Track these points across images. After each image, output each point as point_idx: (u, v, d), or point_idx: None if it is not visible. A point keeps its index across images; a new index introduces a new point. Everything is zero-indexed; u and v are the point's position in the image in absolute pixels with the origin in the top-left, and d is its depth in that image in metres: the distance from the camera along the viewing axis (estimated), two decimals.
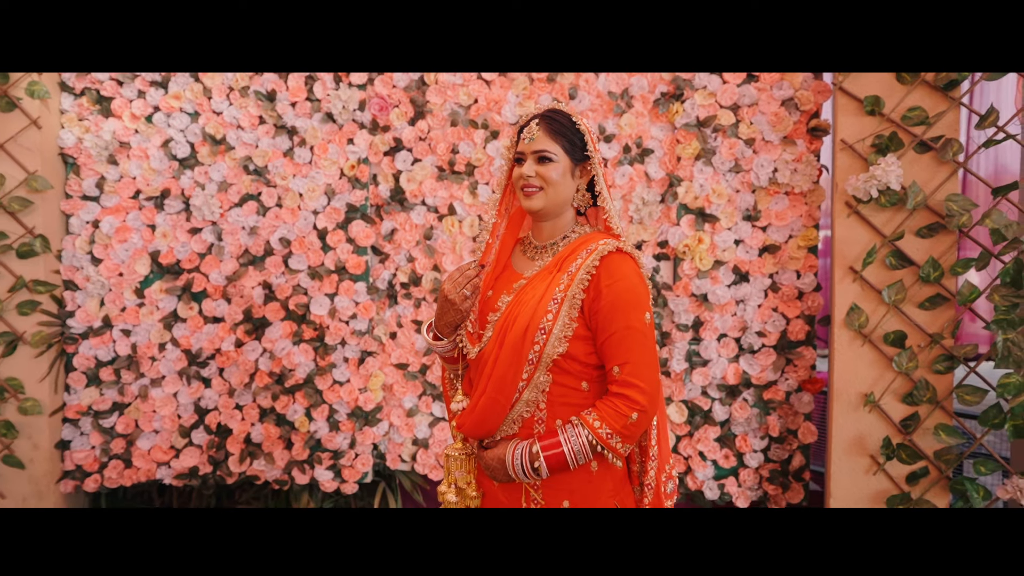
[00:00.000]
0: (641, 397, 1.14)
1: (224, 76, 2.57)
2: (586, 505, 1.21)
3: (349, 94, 2.54)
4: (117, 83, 2.58)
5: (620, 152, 2.45)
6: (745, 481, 2.45)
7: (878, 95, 2.05)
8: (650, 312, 1.20)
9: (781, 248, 2.36)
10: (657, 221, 2.44)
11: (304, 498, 2.73)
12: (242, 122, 2.58)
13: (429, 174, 2.55)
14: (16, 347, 2.44)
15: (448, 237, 2.55)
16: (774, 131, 2.33)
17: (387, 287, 2.62)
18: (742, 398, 2.42)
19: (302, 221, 2.58)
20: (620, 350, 1.16)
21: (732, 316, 2.40)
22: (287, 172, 2.58)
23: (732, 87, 2.35)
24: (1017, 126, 2.00)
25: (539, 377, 1.18)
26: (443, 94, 2.53)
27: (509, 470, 1.19)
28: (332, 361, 2.58)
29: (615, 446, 1.15)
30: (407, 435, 2.63)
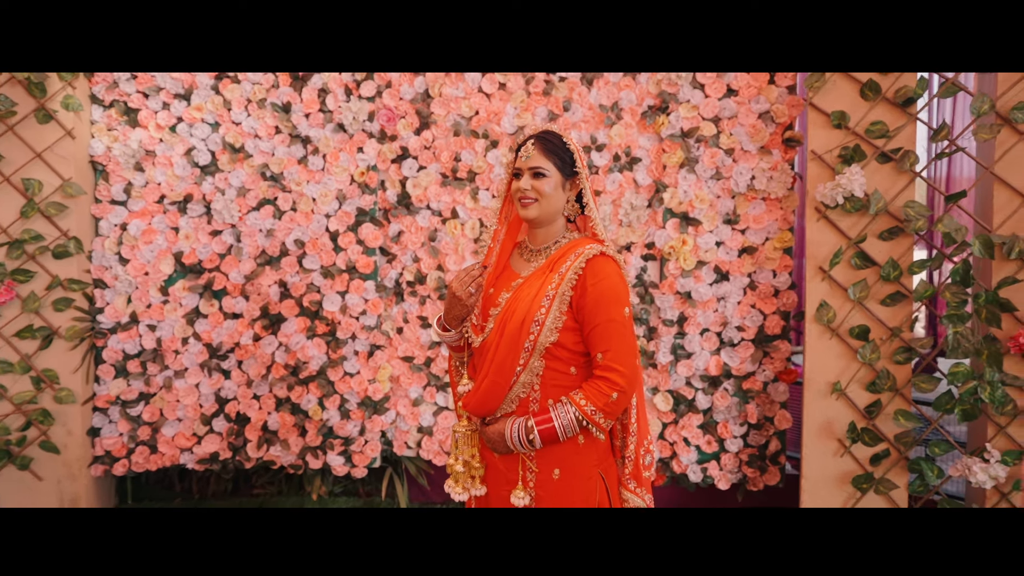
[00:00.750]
0: (621, 379, 1.34)
1: (243, 89, 2.76)
2: (574, 473, 1.40)
3: (359, 106, 2.73)
4: (143, 95, 2.77)
5: (610, 160, 2.65)
6: (726, 465, 2.65)
7: (844, 110, 2.25)
8: (629, 307, 1.39)
9: (758, 249, 2.56)
10: (644, 224, 2.64)
11: (316, 482, 2.93)
12: (259, 132, 2.78)
13: (433, 180, 2.75)
14: (52, 341, 2.63)
15: (451, 239, 2.75)
16: (752, 141, 2.53)
17: (394, 285, 2.82)
18: (723, 388, 2.62)
19: (315, 224, 2.77)
20: (603, 339, 1.35)
21: (714, 312, 2.61)
22: (301, 178, 2.77)
23: (713, 101, 2.55)
24: (968, 139, 2.19)
25: (534, 362, 1.38)
26: (446, 106, 2.72)
27: (508, 442, 1.38)
28: (343, 354, 2.77)
29: (598, 421, 1.34)
30: (413, 423, 2.83)
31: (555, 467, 1.39)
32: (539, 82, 2.67)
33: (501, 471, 1.45)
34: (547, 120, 2.68)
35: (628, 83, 2.62)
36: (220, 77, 2.77)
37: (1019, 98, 2.04)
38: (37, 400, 2.61)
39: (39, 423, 2.60)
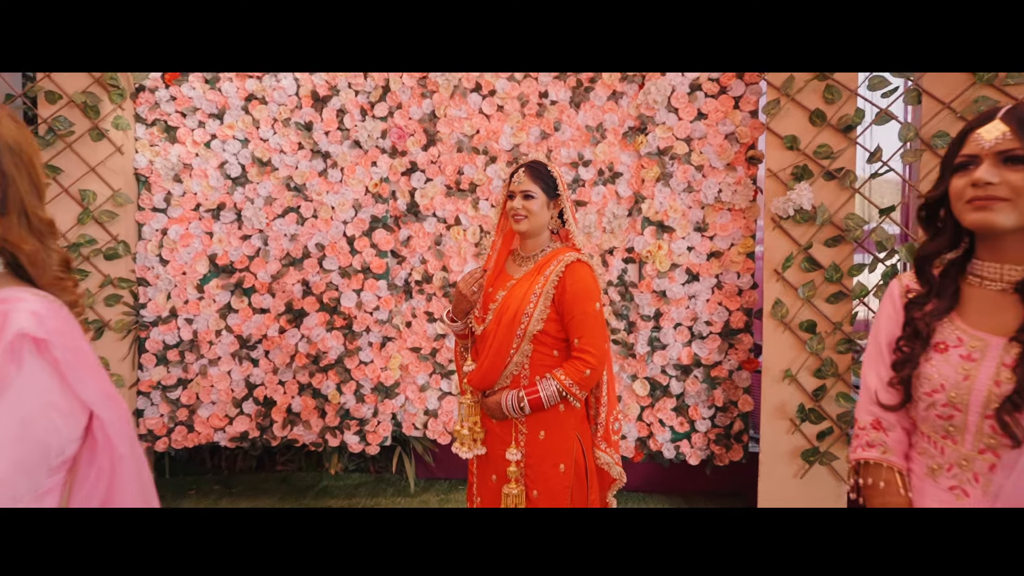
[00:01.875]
0: (592, 359, 1.69)
1: (270, 109, 3.11)
2: (556, 435, 1.75)
3: (373, 125, 3.08)
4: (181, 115, 3.12)
5: (595, 175, 3.00)
6: (696, 443, 3.01)
7: (795, 135, 2.61)
8: (600, 302, 1.75)
9: (724, 254, 2.92)
10: (625, 231, 3.00)
11: (334, 458, 3.29)
12: (284, 147, 3.13)
13: (439, 191, 3.10)
14: (103, 332, 2.99)
15: (455, 243, 3.11)
16: (719, 159, 2.89)
17: (404, 284, 3.17)
18: (693, 375, 2.98)
19: (334, 229, 3.12)
20: (578, 328, 1.71)
21: (685, 309, 2.96)
22: (321, 189, 3.12)
23: (686, 123, 2.90)
24: (898, 161, 2.55)
25: (524, 346, 1.73)
26: (451, 125, 3.08)
27: (504, 410, 1.74)
28: (358, 345, 3.13)
29: (575, 392, 1.70)
30: (420, 406, 3.19)
31: (541, 429, 1.75)
32: (532, 105, 3.02)
33: (498, 434, 1.80)
34: (540, 138, 3.03)
35: (611, 107, 2.97)
36: (249, 99, 3.12)
37: (939, 127, 2.40)
38: None
39: None
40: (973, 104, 2.32)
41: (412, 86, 3.08)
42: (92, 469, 0.85)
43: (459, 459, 3.29)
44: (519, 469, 1.75)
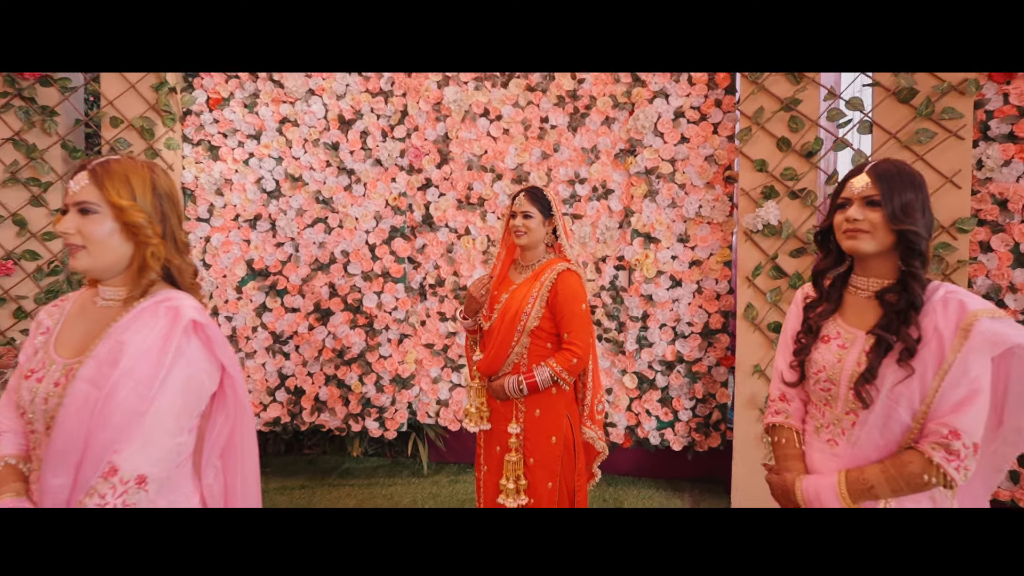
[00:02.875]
0: (578, 350, 2.06)
1: (301, 131, 3.50)
2: (550, 413, 2.11)
3: (393, 145, 3.47)
4: (223, 136, 3.51)
5: (590, 191, 3.37)
6: (679, 431, 3.37)
7: (764, 159, 2.97)
8: (585, 303, 2.11)
9: (704, 262, 3.29)
10: (616, 242, 3.37)
11: (356, 443, 3.67)
12: (314, 165, 3.52)
13: (451, 204, 3.48)
14: None
15: (464, 251, 3.48)
16: (700, 178, 3.25)
17: (419, 287, 3.55)
18: (676, 370, 3.34)
19: (357, 238, 3.51)
20: (567, 325, 2.08)
21: (669, 311, 3.33)
22: (346, 202, 3.51)
23: (671, 146, 3.27)
24: None
25: (523, 339, 2.10)
26: (462, 146, 3.46)
27: (506, 392, 2.10)
28: (378, 341, 3.51)
29: (564, 377, 2.06)
30: (432, 397, 3.57)
31: (537, 408, 2.12)
32: (535, 128, 3.40)
33: (501, 412, 2.18)
34: (541, 158, 3.40)
35: (604, 131, 3.35)
36: (283, 121, 3.51)
37: (887, 154, 2.75)
38: None
39: None
40: (915, 135, 2.68)
41: (427, 111, 3.46)
42: (221, 413, 1.23)
43: (467, 445, 3.68)
44: (518, 441, 2.12)
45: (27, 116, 3.19)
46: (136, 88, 3.29)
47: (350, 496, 3.36)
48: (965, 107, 2.63)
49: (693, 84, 3.21)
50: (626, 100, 3.30)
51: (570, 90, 3.35)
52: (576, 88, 3.34)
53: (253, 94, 3.50)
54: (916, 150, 2.69)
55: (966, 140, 2.64)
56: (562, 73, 3.32)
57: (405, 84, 3.46)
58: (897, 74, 2.70)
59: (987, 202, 2.67)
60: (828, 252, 1.43)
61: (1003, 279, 2.66)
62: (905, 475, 1.20)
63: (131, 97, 3.30)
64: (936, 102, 2.65)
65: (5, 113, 3.19)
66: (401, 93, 3.48)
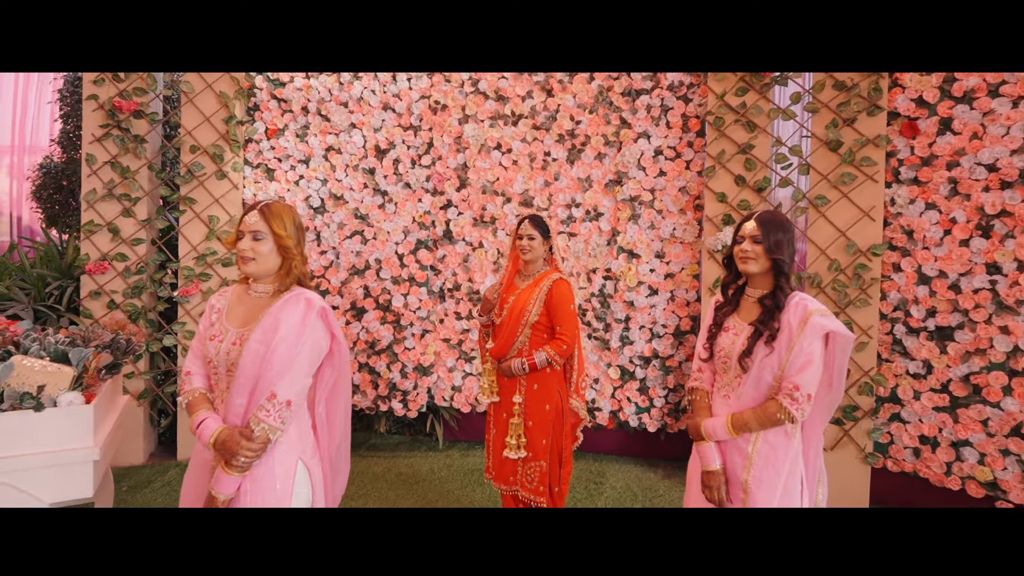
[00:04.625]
0: (568, 340, 2.73)
1: (343, 158, 4.20)
2: (545, 388, 2.78)
3: (420, 171, 4.16)
4: (278, 160, 4.21)
5: (584, 214, 4.06)
6: (654, 415, 4.04)
7: (725, 192, 3.65)
8: (573, 304, 2.78)
9: (676, 275, 3.96)
10: (605, 256, 4.04)
11: (382, 421, 4.35)
12: (353, 186, 4.21)
13: (468, 222, 4.17)
14: None
15: (478, 261, 4.17)
16: (674, 205, 3.93)
17: (439, 291, 4.24)
18: (653, 364, 4.01)
19: (388, 248, 4.20)
20: (560, 321, 2.75)
21: (647, 315, 4.00)
22: (380, 218, 4.20)
23: (651, 178, 3.95)
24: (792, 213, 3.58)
25: (526, 331, 2.77)
26: (478, 174, 4.15)
27: (512, 371, 2.77)
28: (404, 335, 4.19)
29: (556, 359, 2.73)
30: (448, 383, 4.24)
31: (535, 383, 2.79)
32: (539, 160, 4.08)
33: (507, 386, 2.85)
34: (543, 185, 4.09)
35: (596, 164, 4.03)
36: (328, 150, 4.21)
37: (820, 192, 3.43)
38: None
39: None
40: (840, 177, 3.36)
41: (450, 143, 4.15)
42: (329, 367, 1.91)
43: (476, 425, 4.34)
44: (520, 408, 2.79)
45: (122, 143, 3.89)
46: (210, 121, 4.00)
47: (377, 465, 4.03)
48: (879, 156, 3.31)
49: (670, 128, 3.90)
50: (615, 139, 3.99)
51: (569, 129, 4.04)
52: (574, 128, 4.03)
53: (304, 126, 4.20)
54: (842, 189, 3.37)
55: (880, 182, 3.32)
56: (562, 114, 4.01)
57: (431, 120, 4.16)
58: (827, 127, 3.38)
59: (898, 232, 3.35)
60: (731, 271, 2.10)
61: (909, 294, 3.33)
62: (767, 415, 1.87)
63: (205, 128, 4.00)
64: (857, 152, 3.33)
65: (105, 140, 3.89)
66: (428, 128, 4.17)
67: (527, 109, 4.07)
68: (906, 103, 3.28)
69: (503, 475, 2.83)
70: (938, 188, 3.23)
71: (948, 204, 3.20)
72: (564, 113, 4.03)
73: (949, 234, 3.20)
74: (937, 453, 3.25)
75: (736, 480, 1.93)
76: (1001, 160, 3.04)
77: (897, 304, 3.37)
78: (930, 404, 3.26)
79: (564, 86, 4.03)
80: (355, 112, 4.17)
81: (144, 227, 3.96)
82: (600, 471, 4.02)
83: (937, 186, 3.23)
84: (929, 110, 3.24)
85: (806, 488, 1.95)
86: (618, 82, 3.95)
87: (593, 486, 3.77)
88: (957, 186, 3.18)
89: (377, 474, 3.88)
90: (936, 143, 3.22)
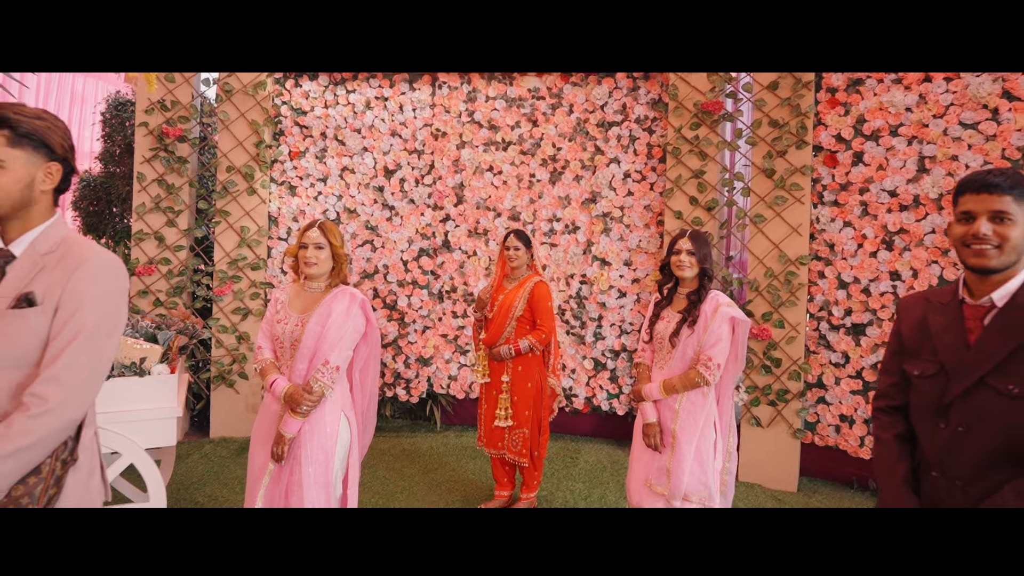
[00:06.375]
0: (546, 330, 3.39)
1: (356, 177, 4.85)
2: (528, 369, 3.43)
3: (423, 189, 4.82)
4: (300, 178, 4.85)
5: (563, 227, 4.73)
6: (623, 401, 4.70)
7: (681, 210, 4.33)
8: (551, 301, 3.43)
9: (642, 280, 4.64)
10: (581, 264, 4.72)
11: (388, 406, 4.98)
12: (365, 202, 4.86)
13: (464, 233, 4.83)
14: (247, 316, 4.69)
15: (472, 268, 4.83)
16: (640, 221, 4.61)
17: (438, 293, 4.89)
18: (621, 356, 4.68)
19: (394, 255, 4.85)
20: (540, 315, 3.40)
21: (617, 314, 4.67)
22: (388, 229, 4.85)
23: (621, 197, 4.63)
24: (736, 229, 4.26)
25: (512, 323, 3.42)
26: (473, 192, 4.81)
27: (501, 355, 3.42)
28: (408, 331, 4.84)
29: (537, 346, 3.38)
30: (445, 373, 4.89)
31: (520, 365, 3.44)
32: (525, 181, 4.76)
33: (497, 369, 3.49)
34: (529, 203, 4.76)
35: (575, 185, 4.71)
36: (343, 170, 4.86)
37: (758, 211, 4.12)
38: (239, 349, 4.67)
39: (240, 362, 4.65)
40: (774, 199, 4.05)
41: (449, 165, 4.82)
42: (365, 345, 2.55)
43: (469, 411, 4.98)
44: (508, 386, 3.44)
45: (168, 163, 4.53)
46: (243, 145, 4.64)
47: (384, 443, 4.65)
48: (806, 183, 4.01)
49: (637, 155, 4.59)
50: (590, 163, 4.67)
51: (551, 155, 4.72)
52: (555, 153, 4.71)
53: (322, 149, 4.85)
54: (776, 209, 4.06)
55: (806, 204, 4.01)
56: (545, 142, 4.69)
57: (433, 145, 4.82)
58: (764, 157, 4.07)
59: (821, 245, 4.04)
60: (667, 275, 2.77)
61: (831, 296, 4.02)
62: (689, 379, 2.53)
63: (238, 150, 4.64)
64: (788, 178, 4.03)
65: (153, 161, 4.53)
66: (430, 152, 4.84)
67: (515, 137, 4.74)
68: (828, 139, 3.98)
69: (492, 441, 3.48)
70: (853, 209, 3.93)
71: (860, 222, 3.90)
72: (547, 141, 4.71)
73: (861, 247, 3.90)
74: (853, 429, 3.93)
75: (667, 429, 2.60)
76: (900, 187, 3.74)
77: (821, 305, 4.06)
78: (848, 388, 3.94)
79: (548, 117, 4.71)
80: (367, 137, 4.83)
81: (185, 235, 4.59)
82: (576, 449, 4.67)
83: (852, 208, 3.93)
84: (846, 145, 3.94)
85: (720, 436, 2.62)
86: (593, 115, 4.64)
87: (570, 460, 4.41)
88: (867, 208, 3.88)
89: (384, 450, 4.51)
90: (851, 172, 3.92)
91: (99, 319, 1.29)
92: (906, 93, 3.72)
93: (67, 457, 1.28)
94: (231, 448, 4.43)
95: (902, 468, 1.55)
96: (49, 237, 1.34)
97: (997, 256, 1.42)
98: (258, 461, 2.44)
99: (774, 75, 4.03)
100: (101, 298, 1.31)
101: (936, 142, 3.66)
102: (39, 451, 1.21)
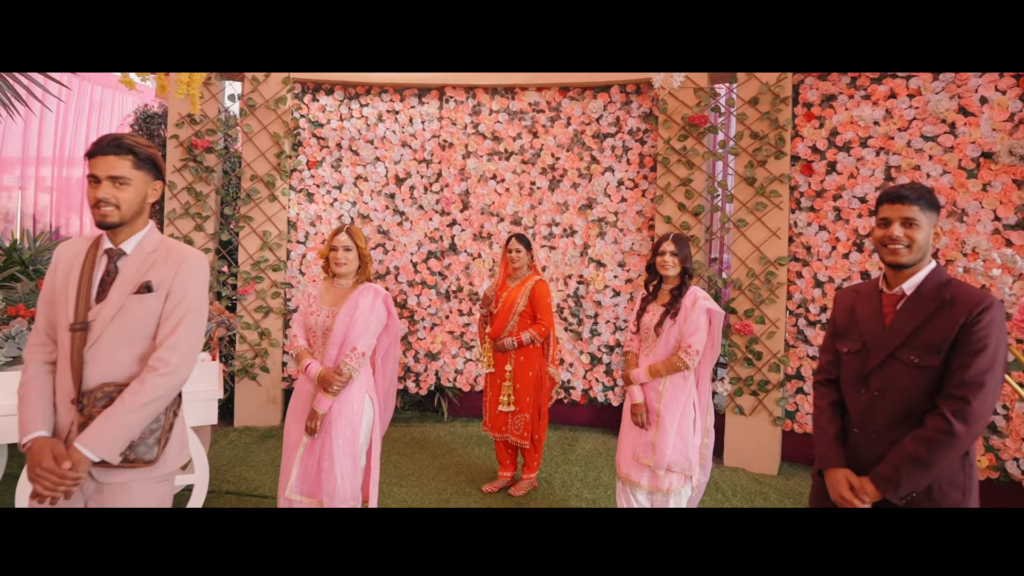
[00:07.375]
0: (546, 323, 3.74)
1: (369, 184, 5.21)
2: (530, 359, 3.78)
3: (431, 196, 5.18)
4: (317, 186, 5.22)
5: (562, 231, 5.09)
6: (617, 393, 5.04)
7: (670, 215, 4.69)
8: (550, 299, 3.79)
9: (635, 280, 4.99)
10: (578, 265, 5.07)
11: (399, 397, 5.34)
12: (377, 207, 5.22)
13: (469, 237, 5.19)
14: (268, 313, 5.04)
15: (477, 269, 5.19)
16: (633, 225, 4.97)
17: (446, 292, 5.25)
18: (616, 351, 5.03)
19: (405, 257, 5.21)
20: (539, 311, 3.75)
21: (612, 312, 5.02)
22: (398, 233, 5.21)
23: (615, 203, 4.99)
24: (719, 232, 4.62)
25: (515, 318, 3.77)
26: (478, 198, 5.17)
27: (505, 347, 3.77)
28: (417, 328, 5.19)
29: (537, 338, 3.73)
30: (452, 367, 5.24)
31: (522, 356, 3.80)
32: (526, 188, 5.12)
33: (501, 360, 3.85)
34: (529, 208, 5.12)
35: (572, 192, 5.07)
36: (358, 178, 5.22)
37: (741, 216, 4.47)
38: (261, 344, 5.02)
39: (262, 356, 5.00)
40: (756, 205, 4.40)
41: (455, 174, 5.18)
42: (386, 335, 2.90)
43: (474, 402, 5.33)
44: (511, 375, 3.79)
45: (196, 172, 4.90)
46: (265, 155, 5.00)
47: (395, 432, 4.99)
48: (784, 190, 4.36)
49: (630, 164, 4.95)
50: (587, 172, 5.03)
51: (550, 164, 5.08)
52: (554, 163, 5.08)
53: (338, 159, 5.22)
54: (757, 214, 4.42)
55: (785, 210, 4.37)
56: (545, 152, 5.05)
57: (440, 155, 5.19)
58: (746, 167, 4.43)
59: (799, 247, 4.39)
60: (653, 273, 3.12)
61: (808, 294, 4.37)
62: (671, 364, 2.88)
63: (260, 160, 5.01)
64: (768, 186, 4.38)
65: (183, 170, 4.89)
66: (438, 161, 5.20)
67: (517, 147, 5.11)
68: (804, 149, 4.34)
69: (497, 426, 3.83)
70: (827, 214, 4.28)
71: (834, 227, 4.26)
72: (547, 151, 5.07)
73: (835, 249, 4.25)
74: None
75: (652, 408, 2.95)
76: (869, 194, 4.10)
77: (799, 302, 4.41)
78: None
79: (547, 129, 5.08)
80: (379, 148, 5.19)
81: (211, 239, 4.96)
82: (574, 438, 5.02)
83: (827, 213, 4.28)
84: (820, 155, 4.30)
85: (699, 415, 2.96)
86: (589, 127, 5.00)
87: (568, 447, 4.76)
88: (840, 213, 4.24)
89: (396, 438, 4.86)
90: (825, 180, 4.28)
91: (199, 302, 1.66)
92: (874, 108, 4.09)
93: (176, 409, 1.64)
94: (254, 435, 4.78)
95: (833, 428, 1.90)
96: (152, 238, 1.71)
97: (907, 254, 1.77)
98: (293, 435, 2.79)
99: (755, 91, 4.39)
100: (201, 285, 1.68)
101: (901, 153, 4.02)
102: (163, 402, 1.58)
